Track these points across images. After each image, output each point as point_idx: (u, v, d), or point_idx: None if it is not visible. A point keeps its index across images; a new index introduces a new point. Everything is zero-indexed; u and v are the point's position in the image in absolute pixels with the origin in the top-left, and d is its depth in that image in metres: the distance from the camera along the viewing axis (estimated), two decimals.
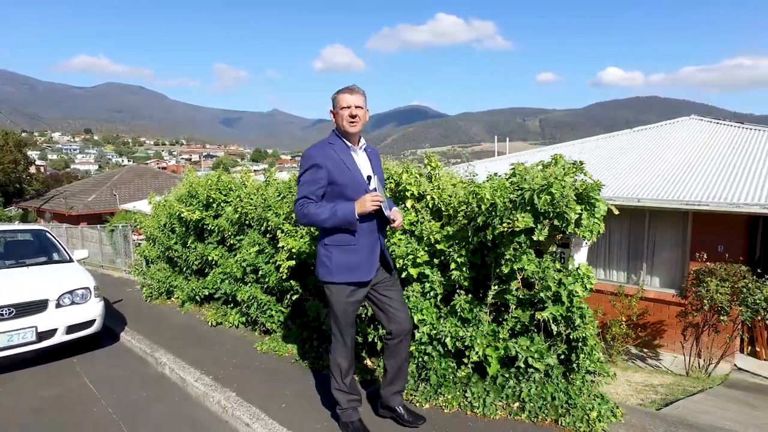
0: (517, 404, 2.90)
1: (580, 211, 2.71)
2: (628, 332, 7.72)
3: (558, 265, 2.89)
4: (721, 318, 6.69)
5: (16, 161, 31.16)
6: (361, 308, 3.42)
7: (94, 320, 4.88)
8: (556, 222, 2.59)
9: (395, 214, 2.60)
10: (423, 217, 3.27)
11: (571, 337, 2.85)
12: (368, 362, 3.71)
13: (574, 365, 2.88)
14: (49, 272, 5.17)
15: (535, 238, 2.63)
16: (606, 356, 7.87)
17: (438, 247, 3.07)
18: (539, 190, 2.56)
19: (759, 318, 6.60)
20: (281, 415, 3.07)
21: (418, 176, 3.43)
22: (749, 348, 8.28)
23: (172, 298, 6.94)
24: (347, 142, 2.60)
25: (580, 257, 2.99)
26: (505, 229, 2.62)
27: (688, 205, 7.72)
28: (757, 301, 6.40)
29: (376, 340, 3.55)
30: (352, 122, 2.54)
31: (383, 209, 2.49)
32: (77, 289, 4.84)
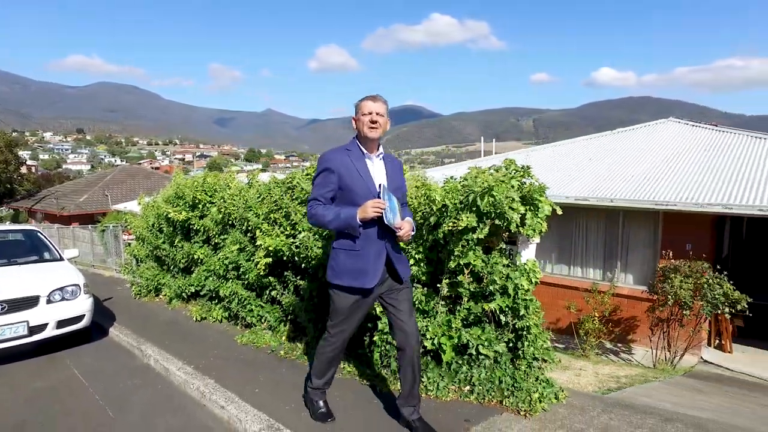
0: (467, 387, 3.20)
1: (524, 212, 3.01)
2: (600, 327, 8.05)
3: (506, 261, 3.19)
4: (684, 312, 7.03)
5: (7, 161, 31.15)
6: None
7: (84, 315, 5.13)
8: (497, 221, 2.88)
9: (402, 223, 2.58)
10: None
11: (517, 326, 3.14)
12: None
13: (520, 352, 3.18)
14: (40, 270, 5.41)
15: (475, 236, 2.92)
16: (580, 350, 8.20)
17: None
18: (482, 192, 2.85)
19: (719, 312, 6.94)
20: (254, 398, 3.34)
21: None
22: (716, 341, 8.63)
23: (161, 296, 7.18)
24: (364, 150, 2.69)
25: (528, 253, 3.28)
26: (452, 227, 2.91)
27: (657, 205, 8.06)
28: (717, 296, 6.75)
29: None
30: (372, 127, 2.63)
31: (384, 217, 2.51)
32: (67, 286, 5.09)
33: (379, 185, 2.61)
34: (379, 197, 2.55)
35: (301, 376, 3.71)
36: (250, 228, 4.99)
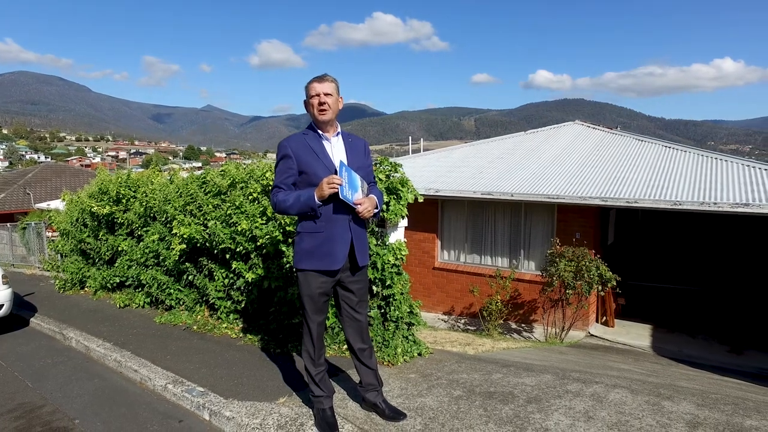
0: (345, 346, 3.86)
1: (387, 200, 3.71)
2: (501, 308, 9.03)
3: (376, 241, 3.89)
4: (567, 292, 8.11)
5: None
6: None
7: (2, 305, 5.38)
8: None
9: (362, 199, 2.51)
10: None
11: (385, 294, 3.85)
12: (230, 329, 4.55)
13: (388, 315, 3.89)
14: None
15: None
16: (485, 330, 9.15)
17: (288, 228, 3.98)
18: None
19: (596, 290, 8.07)
20: (164, 362, 3.86)
21: None
22: (603, 318, 9.87)
23: (85, 288, 7.40)
24: (320, 131, 2.66)
25: (396, 235, 4.00)
26: None
27: (549, 198, 9.14)
28: (593, 277, 7.85)
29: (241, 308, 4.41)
30: (321, 110, 2.58)
31: (340, 193, 2.42)
32: None
33: (339, 162, 2.55)
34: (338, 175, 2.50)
35: (209, 344, 4.26)
36: (169, 219, 5.44)
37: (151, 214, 5.98)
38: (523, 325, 10.10)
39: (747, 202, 7.52)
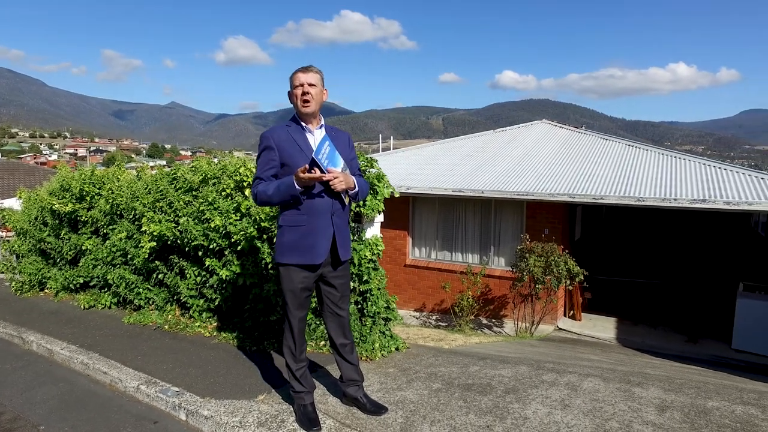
0: (323, 342, 3.85)
1: None
2: (473, 303, 9.17)
3: (352, 236, 3.87)
4: (537, 287, 8.30)
5: None
6: None
7: None
8: None
9: (336, 172, 2.45)
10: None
11: (362, 289, 3.85)
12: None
13: (365, 311, 3.89)
14: None
15: None
16: (456, 325, 9.27)
17: (263, 224, 3.92)
18: None
19: (564, 284, 8.29)
20: (135, 363, 3.74)
21: (252, 170, 4.25)
22: (570, 312, 10.15)
23: (46, 290, 7.08)
24: (303, 123, 2.66)
25: (373, 230, 4.00)
26: None
27: (518, 195, 9.33)
28: (561, 272, 8.07)
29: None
30: (304, 101, 2.58)
31: (315, 155, 2.38)
32: None
33: (324, 136, 2.55)
34: (318, 164, 2.40)
35: (182, 343, 4.16)
36: (137, 217, 5.27)
37: (118, 212, 5.78)
38: (493, 320, 10.27)
39: (704, 198, 7.88)
